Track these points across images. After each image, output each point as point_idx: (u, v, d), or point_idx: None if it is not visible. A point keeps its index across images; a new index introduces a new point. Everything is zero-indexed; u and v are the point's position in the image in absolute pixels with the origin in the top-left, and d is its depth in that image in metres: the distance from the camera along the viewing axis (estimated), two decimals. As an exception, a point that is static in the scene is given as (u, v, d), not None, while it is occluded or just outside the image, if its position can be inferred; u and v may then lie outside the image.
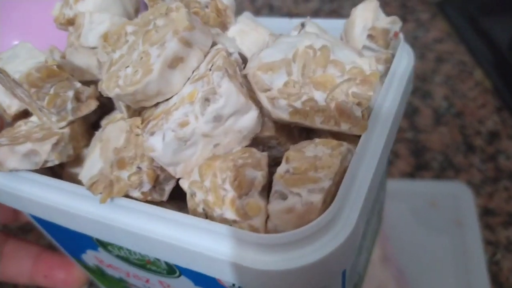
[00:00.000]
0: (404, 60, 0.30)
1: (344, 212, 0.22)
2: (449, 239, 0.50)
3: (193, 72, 0.24)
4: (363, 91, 0.24)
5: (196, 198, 0.23)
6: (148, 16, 0.25)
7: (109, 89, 0.24)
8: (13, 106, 0.31)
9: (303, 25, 0.28)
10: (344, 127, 0.24)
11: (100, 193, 0.24)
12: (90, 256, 0.34)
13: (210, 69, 0.23)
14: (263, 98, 0.23)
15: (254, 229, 0.22)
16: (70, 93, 0.27)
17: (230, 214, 0.23)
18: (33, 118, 0.30)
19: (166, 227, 0.23)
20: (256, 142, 0.25)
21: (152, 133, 0.24)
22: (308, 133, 0.28)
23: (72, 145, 0.28)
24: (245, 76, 0.25)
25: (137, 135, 0.25)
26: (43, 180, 0.27)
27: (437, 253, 0.50)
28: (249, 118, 0.24)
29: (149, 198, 0.25)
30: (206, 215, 0.23)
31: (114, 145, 0.25)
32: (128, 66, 0.24)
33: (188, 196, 0.24)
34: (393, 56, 0.29)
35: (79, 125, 0.29)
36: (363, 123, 0.24)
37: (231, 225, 0.22)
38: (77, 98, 0.28)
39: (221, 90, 0.22)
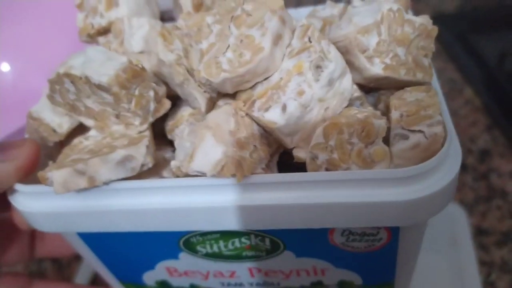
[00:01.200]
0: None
1: (452, 142, 0.26)
2: (444, 259, 0.50)
3: (286, 48, 0.26)
4: (427, 43, 0.28)
5: (318, 160, 0.25)
6: (229, 4, 0.27)
7: (212, 75, 0.25)
8: (64, 123, 0.29)
9: (348, 1, 0.32)
10: (419, 76, 0.28)
11: (233, 174, 0.24)
12: (158, 271, 0.33)
13: (310, 41, 0.25)
14: (361, 58, 0.26)
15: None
16: (151, 93, 0.27)
17: (356, 167, 0.25)
18: (92, 133, 0.29)
19: (305, 190, 0.24)
20: (348, 105, 0.28)
21: (267, 109, 0.25)
22: (367, 94, 0.31)
23: (153, 148, 0.28)
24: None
25: (242, 116, 0.26)
26: (143, 185, 0.26)
27: (432, 273, 0.50)
28: (348, 80, 0.26)
29: (268, 172, 0.26)
30: None
31: (227, 128, 0.25)
32: (225, 52, 0.26)
33: (308, 160, 0.26)
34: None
35: (151, 128, 0.29)
36: (430, 71, 0.28)
37: None
38: (155, 98, 0.28)
39: (330, 56, 0.25)
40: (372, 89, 0.30)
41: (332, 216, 0.25)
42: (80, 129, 0.30)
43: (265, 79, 0.26)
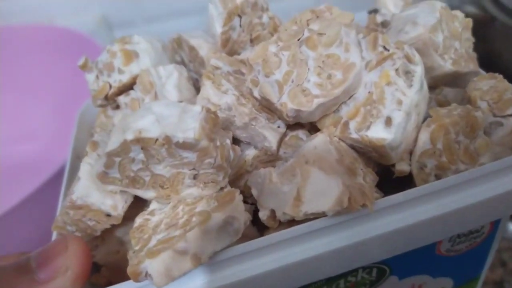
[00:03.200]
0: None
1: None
2: None
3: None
4: (468, 35, 0.28)
5: (427, 168, 0.24)
6: (290, 28, 0.25)
7: (303, 104, 0.23)
8: (119, 203, 0.24)
9: (375, 11, 0.31)
10: (471, 66, 0.28)
11: (363, 205, 0.22)
12: None
13: (385, 49, 0.24)
14: (436, 57, 0.25)
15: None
16: (228, 142, 0.24)
17: (463, 165, 0.24)
18: (153, 206, 0.24)
19: (431, 201, 0.23)
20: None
21: (368, 127, 0.23)
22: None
23: (237, 202, 0.24)
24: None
25: (339, 143, 0.24)
26: (260, 244, 0.22)
27: None
28: (425, 82, 0.26)
29: (380, 194, 0.24)
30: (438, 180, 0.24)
31: (333, 158, 0.23)
32: (306, 77, 0.23)
33: (415, 172, 0.24)
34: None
35: (224, 182, 0.25)
36: (476, 62, 0.29)
37: None
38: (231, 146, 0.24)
39: (416, 59, 0.24)
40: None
41: (450, 224, 0.23)
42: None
43: (349, 98, 0.24)
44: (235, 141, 0.26)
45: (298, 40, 0.24)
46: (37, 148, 0.56)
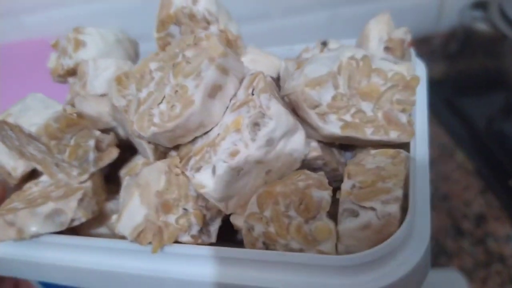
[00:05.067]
0: (419, 67, 0.30)
1: (417, 221, 0.21)
2: None
3: (230, 100, 0.23)
4: (406, 96, 0.23)
5: (255, 232, 0.22)
6: (173, 50, 0.24)
7: (143, 129, 0.23)
8: (18, 167, 0.28)
9: (324, 43, 0.28)
10: (393, 135, 0.23)
11: (149, 242, 0.22)
12: None
13: (252, 93, 0.22)
14: (312, 115, 0.22)
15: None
16: (91, 143, 0.25)
17: (296, 244, 0.21)
18: (43, 178, 0.28)
19: (235, 267, 0.21)
20: (302, 165, 0.24)
21: (198, 169, 0.22)
22: (345, 151, 0.27)
23: (95, 200, 0.26)
24: (282, 97, 0.24)
25: (177, 175, 0.23)
26: (72, 241, 0.24)
27: None
28: (298, 139, 0.23)
29: (199, 241, 0.23)
30: (267, 249, 0.22)
31: (155, 188, 0.23)
32: (160, 103, 0.23)
33: (244, 231, 0.22)
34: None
35: (98, 178, 0.27)
36: (409, 129, 0.23)
37: None
38: (98, 147, 0.26)
39: (270, 112, 0.21)
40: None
41: None
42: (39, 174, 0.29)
43: (206, 133, 0.23)
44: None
45: (172, 64, 0.24)
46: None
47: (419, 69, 0.30)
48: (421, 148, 0.24)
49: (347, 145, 0.26)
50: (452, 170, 0.61)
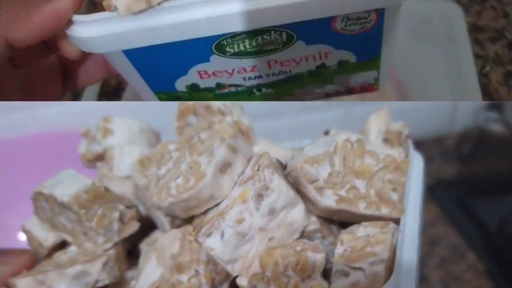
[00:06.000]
0: (416, 159, 0.33)
1: (402, 280, 0.23)
2: (443, 53, 0.55)
3: (239, 177, 0.26)
4: (396, 177, 0.26)
5: (257, 293, 0.24)
6: (189, 133, 0.28)
7: (161, 199, 0.26)
8: (49, 238, 0.31)
9: (326, 132, 0.31)
10: (385, 211, 0.26)
11: None
12: (190, 76, 0.32)
13: (257, 170, 0.25)
14: (310, 189, 0.25)
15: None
16: (116, 215, 0.28)
17: (295, 302, 0.23)
18: (72, 248, 0.30)
19: None
20: (301, 236, 0.27)
21: (208, 235, 0.25)
22: (344, 227, 0.29)
23: (117, 266, 0.28)
24: (285, 176, 0.27)
25: (190, 241, 0.26)
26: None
27: (432, 65, 0.55)
28: (298, 211, 0.25)
29: (208, 301, 0.25)
30: None
31: (170, 251, 0.25)
32: (177, 177, 0.26)
33: (248, 292, 0.24)
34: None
35: (121, 248, 0.29)
36: (400, 207, 0.26)
37: None
38: (121, 219, 0.29)
39: (273, 185, 0.24)
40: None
41: (335, 4, 0.25)
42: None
43: (216, 205, 0.26)
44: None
45: (189, 145, 0.27)
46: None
47: (416, 160, 0.33)
48: (410, 225, 0.26)
49: (345, 223, 0.28)
50: (463, 271, 0.61)
